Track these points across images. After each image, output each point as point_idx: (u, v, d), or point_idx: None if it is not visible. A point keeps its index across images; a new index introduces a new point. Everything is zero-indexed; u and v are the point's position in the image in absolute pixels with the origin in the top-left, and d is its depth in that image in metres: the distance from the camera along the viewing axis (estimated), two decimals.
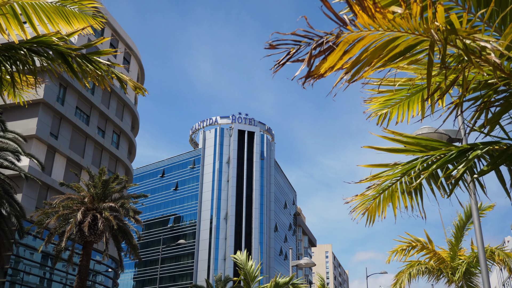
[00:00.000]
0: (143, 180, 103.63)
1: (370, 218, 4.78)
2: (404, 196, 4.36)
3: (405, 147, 3.98)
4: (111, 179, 28.57)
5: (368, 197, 4.54)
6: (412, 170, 4.11)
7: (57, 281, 42.07)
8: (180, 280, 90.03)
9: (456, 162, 3.81)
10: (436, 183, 4.21)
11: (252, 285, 14.47)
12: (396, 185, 4.33)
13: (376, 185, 4.36)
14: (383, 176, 4.24)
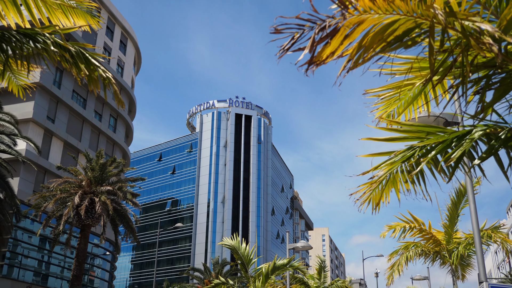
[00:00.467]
0: (141, 164, 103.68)
1: (374, 206, 4.84)
2: (406, 180, 4.39)
3: (403, 136, 4.00)
4: (109, 162, 28.57)
5: (372, 188, 4.58)
6: (412, 157, 4.13)
7: (55, 264, 42.32)
8: (177, 263, 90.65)
9: (455, 146, 3.83)
10: (437, 167, 4.24)
11: (248, 268, 14.58)
12: (397, 170, 4.36)
13: (378, 177, 4.39)
14: (383, 167, 4.27)
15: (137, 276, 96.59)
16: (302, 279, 25.46)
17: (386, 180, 4.45)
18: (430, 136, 3.87)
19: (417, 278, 29.24)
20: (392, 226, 12.24)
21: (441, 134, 3.85)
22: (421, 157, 3.96)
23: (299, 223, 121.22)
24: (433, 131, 3.87)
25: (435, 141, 3.82)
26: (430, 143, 3.87)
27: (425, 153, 3.94)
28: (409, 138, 3.95)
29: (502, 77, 3.49)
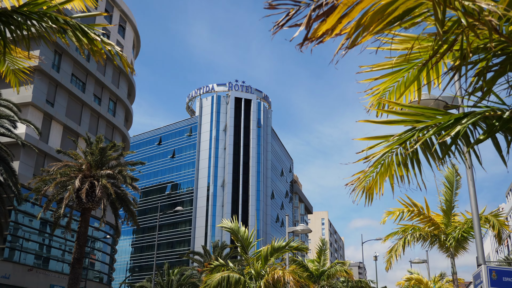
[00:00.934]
0: (140, 147, 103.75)
1: (368, 196, 4.79)
2: (400, 168, 4.34)
3: (402, 118, 3.96)
4: (108, 146, 28.56)
5: (366, 174, 4.53)
6: (408, 140, 4.10)
7: (56, 247, 42.58)
8: (177, 247, 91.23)
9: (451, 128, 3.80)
10: (432, 155, 4.21)
11: (248, 251, 14.65)
12: (392, 157, 4.31)
13: (373, 158, 4.34)
14: (379, 149, 4.22)
15: (137, 259, 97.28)
16: (302, 262, 25.65)
17: (381, 166, 4.40)
18: (428, 120, 3.84)
19: (416, 261, 29.44)
20: (391, 211, 12.28)
21: (440, 117, 3.82)
22: (417, 141, 3.93)
23: (298, 206, 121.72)
24: (432, 113, 3.84)
25: (433, 123, 3.79)
26: (428, 126, 3.85)
27: (422, 138, 3.91)
28: (407, 121, 3.92)
29: (502, 59, 3.46)
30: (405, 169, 4.35)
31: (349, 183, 4.57)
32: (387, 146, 4.09)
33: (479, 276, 6.71)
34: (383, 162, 4.32)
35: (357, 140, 4.06)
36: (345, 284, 30.91)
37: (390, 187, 4.58)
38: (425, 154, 4.18)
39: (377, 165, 4.36)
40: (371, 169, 4.39)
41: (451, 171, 13.94)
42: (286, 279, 13.49)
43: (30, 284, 37.13)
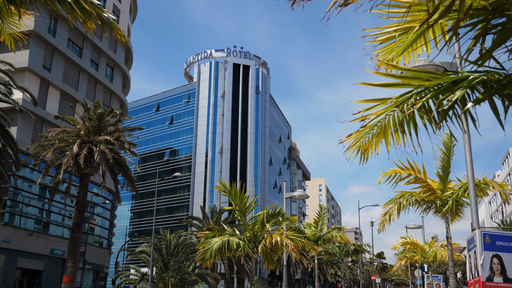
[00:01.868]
0: (138, 113, 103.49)
1: (363, 156, 4.74)
2: (397, 130, 4.31)
3: (400, 81, 3.91)
4: (106, 112, 28.47)
5: (362, 134, 4.49)
6: (405, 103, 4.07)
7: (56, 212, 42.97)
8: (176, 212, 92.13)
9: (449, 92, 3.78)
10: (429, 116, 4.19)
11: (246, 215, 14.80)
12: (389, 119, 4.27)
13: (369, 120, 4.30)
14: (376, 111, 4.19)
15: (136, 224, 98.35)
16: (299, 228, 26.00)
17: (377, 127, 4.37)
18: (426, 83, 3.82)
19: (411, 227, 29.80)
20: (388, 172, 12.33)
21: (438, 80, 3.79)
22: (414, 104, 3.91)
23: (296, 173, 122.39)
24: (430, 77, 3.81)
25: (431, 84, 3.76)
26: (425, 90, 3.83)
27: (419, 101, 3.89)
28: (406, 85, 3.89)
29: (502, 21, 3.41)
30: (401, 132, 4.32)
31: (344, 141, 4.54)
32: (384, 108, 4.07)
33: (473, 240, 6.82)
34: (379, 124, 4.29)
35: (354, 102, 4.04)
36: (341, 248, 31.38)
37: (386, 151, 4.55)
38: (422, 118, 4.17)
39: (373, 127, 4.33)
40: (367, 130, 4.36)
41: (448, 137, 13.97)
42: (285, 243, 13.69)
43: (30, 248, 37.64)
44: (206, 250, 13.83)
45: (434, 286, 27.10)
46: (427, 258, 27.51)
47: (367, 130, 4.38)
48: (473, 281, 6.70)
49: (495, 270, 6.46)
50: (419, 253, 28.22)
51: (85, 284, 47.18)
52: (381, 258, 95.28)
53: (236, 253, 14.25)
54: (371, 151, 4.62)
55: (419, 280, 44.65)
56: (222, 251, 13.79)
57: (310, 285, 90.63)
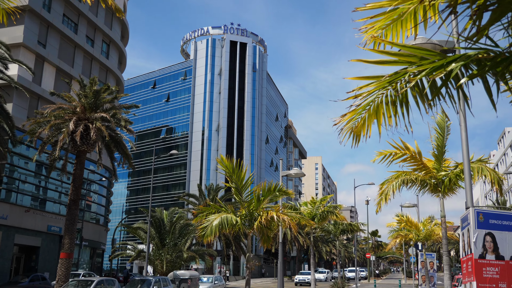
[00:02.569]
0: (135, 91, 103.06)
1: (355, 138, 4.75)
2: (388, 108, 4.30)
3: (395, 59, 3.89)
4: (102, 89, 28.29)
5: (354, 115, 4.48)
6: (399, 80, 4.06)
7: (52, 189, 43.07)
8: (173, 190, 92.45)
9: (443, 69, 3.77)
10: (422, 97, 4.18)
11: (243, 193, 14.87)
12: (382, 98, 4.25)
13: (363, 97, 4.29)
14: (369, 89, 4.18)
15: (133, 202, 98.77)
16: (294, 206, 26.17)
17: (370, 107, 4.36)
18: (421, 61, 3.80)
19: (406, 206, 30.03)
20: (383, 152, 12.37)
21: (434, 58, 3.77)
22: (408, 82, 3.89)
23: (292, 151, 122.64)
24: (425, 54, 3.79)
25: (425, 67, 3.75)
26: (420, 67, 3.81)
27: (413, 78, 3.87)
28: (401, 62, 3.87)
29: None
30: (393, 111, 4.30)
31: (338, 122, 4.54)
32: (378, 86, 4.05)
33: (466, 219, 6.89)
34: (372, 103, 4.28)
35: (348, 79, 4.03)
36: (336, 226, 31.64)
37: (382, 130, 4.55)
38: (415, 97, 4.16)
39: (366, 106, 4.32)
40: (360, 110, 4.35)
41: (442, 117, 14.01)
42: (281, 219, 13.79)
43: (27, 225, 37.82)
44: (206, 227, 13.94)
45: (428, 264, 27.43)
46: (421, 235, 27.79)
47: (359, 110, 4.37)
48: (466, 258, 6.79)
49: (488, 247, 6.54)
50: (414, 231, 28.51)
51: (82, 260, 47.58)
52: (376, 236, 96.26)
53: (234, 230, 14.37)
54: (363, 133, 4.63)
55: (413, 258, 45.18)
56: (222, 227, 13.90)
57: (305, 262, 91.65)
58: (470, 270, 6.50)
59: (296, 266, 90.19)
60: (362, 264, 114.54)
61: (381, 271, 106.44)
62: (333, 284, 35.09)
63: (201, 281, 35.50)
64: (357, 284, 48.51)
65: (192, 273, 32.26)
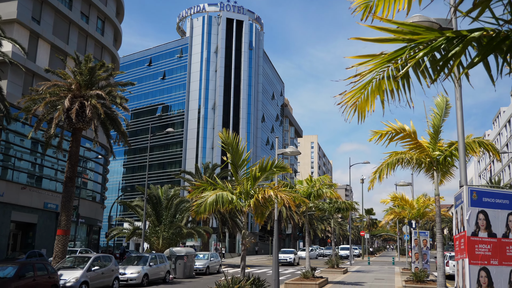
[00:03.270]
0: (130, 68, 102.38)
1: (360, 113, 4.76)
2: (390, 83, 4.31)
3: (394, 36, 3.88)
4: (98, 66, 28.11)
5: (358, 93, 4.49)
6: (399, 58, 4.05)
7: (48, 166, 43.09)
8: (169, 168, 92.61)
9: (443, 49, 3.77)
10: (423, 73, 4.18)
11: (239, 170, 14.93)
12: (383, 75, 4.26)
13: (363, 76, 4.30)
14: (369, 65, 4.18)
15: (129, 179, 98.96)
16: (290, 184, 26.29)
17: (372, 87, 4.37)
18: (421, 38, 3.79)
19: (401, 184, 30.23)
20: (379, 131, 12.41)
21: (432, 36, 3.76)
22: (409, 59, 3.89)
23: (288, 130, 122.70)
24: (424, 32, 3.78)
25: (425, 40, 3.73)
26: (419, 45, 3.80)
27: (413, 56, 3.87)
28: (400, 40, 3.86)
29: None
30: (395, 85, 4.32)
31: (341, 102, 4.56)
32: (377, 63, 4.05)
33: (460, 197, 6.97)
34: (374, 80, 4.29)
35: (348, 58, 4.03)
36: (331, 205, 31.86)
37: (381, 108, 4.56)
38: (416, 73, 4.17)
39: (368, 83, 4.33)
40: (362, 86, 4.37)
41: (442, 98, 14.05)
42: (278, 197, 13.88)
43: (24, 202, 37.92)
44: (200, 204, 14.01)
45: (421, 241, 27.76)
46: (415, 212, 28.05)
47: (361, 87, 4.38)
48: (459, 235, 6.89)
49: (480, 225, 6.63)
50: (408, 209, 28.77)
51: (79, 237, 47.88)
52: (370, 214, 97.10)
53: (229, 207, 14.45)
54: (367, 109, 4.64)
55: (407, 236, 45.68)
56: (216, 205, 13.97)
57: (300, 240, 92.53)
58: (463, 247, 6.59)
59: (291, 243, 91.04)
60: (357, 242, 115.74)
61: (375, 249, 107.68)
62: (328, 261, 35.51)
63: (197, 257, 35.86)
64: (351, 261, 49.12)
65: (188, 250, 32.55)
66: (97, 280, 21.58)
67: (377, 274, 34.44)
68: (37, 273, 18.00)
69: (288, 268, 43.33)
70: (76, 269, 21.11)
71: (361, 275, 32.53)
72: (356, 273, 35.03)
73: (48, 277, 18.50)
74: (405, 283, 23.29)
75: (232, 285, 12.94)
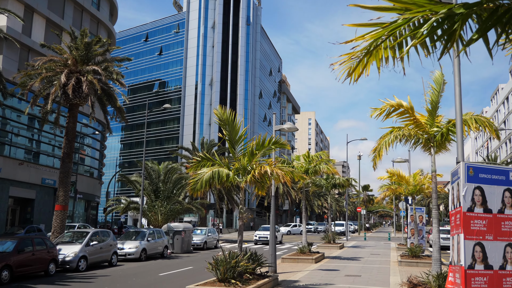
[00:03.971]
0: (127, 44, 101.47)
1: (353, 76, 4.70)
2: (387, 51, 4.27)
3: (392, 5, 3.83)
4: (94, 41, 27.84)
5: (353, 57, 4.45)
6: (398, 30, 4.01)
7: (46, 142, 43.02)
8: (166, 144, 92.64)
9: (444, 22, 3.73)
10: (423, 46, 4.15)
11: (236, 146, 14.93)
12: (381, 45, 4.22)
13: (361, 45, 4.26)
14: (367, 37, 4.14)
15: (126, 155, 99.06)
16: (287, 160, 26.36)
17: (368, 51, 4.32)
18: (420, 8, 3.73)
19: (398, 161, 30.29)
20: (377, 108, 12.41)
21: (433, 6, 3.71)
22: (410, 33, 3.85)
23: (286, 106, 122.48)
24: (425, 3, 3.72)
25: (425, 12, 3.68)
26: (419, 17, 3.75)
27: (413, 30, 3.83)
28: (399, 10, 3.81)
29: None
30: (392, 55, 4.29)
31: (335, 63, 4.52)
32: (376, 33, 4.01)
33: (457, 173, 7.00)
34: (370, 47, 4.25)
35: (346, 25, 3.99)
36: (328, 180, 31.99)
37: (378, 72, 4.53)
38: (416, 49, 4.14)
39: (364, 50, 4.29)
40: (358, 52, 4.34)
41: (440, 73, 14.00)
42: (275, 173, 13.91)
43: (22, 177, 37.97)
44: (197, 180, 14.04)
45: (417, 217, 27.98)
46: (411, 189, 28.22)
47: (358, 53, 4.34)
48: (455, 211, 6.94)
49: (476, 201, 6.67)
50: (404, 185, 28.91)
51: (77, 212, 48.11)
52: (367, 190, 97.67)
53: (226, 184, 14.49)
54: (362, 72, 4.59)
55: (403, 212, 46.04)
56: (212, 182, 14.01)
57: (297, 216, 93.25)
58: (458, 223, 6.65)
59: (288, 219, 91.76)
60: (353, 218, 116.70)
61: (371, 225, 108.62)
62: (324, 237, 35.85)
63: (195, 233, 36.14)
64: (347, 237, 49.59)
65: (186, 226, 32.79)
66: (96, 255, 21.77)
67: (373, 249, 34.82)
68: (36, 248, 18.14)
69: (285, 243, 43.75)
70: (75, 244, 21.27)
71: (357, 250, 32.88)
72: (352, 248, 35.42)
73: (47, 251, 18.65)
74: (400, 258, 23.58)
75: (230, 259, 13.06)
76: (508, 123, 79.43)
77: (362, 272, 19.73)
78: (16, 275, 16.80)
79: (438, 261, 13.33)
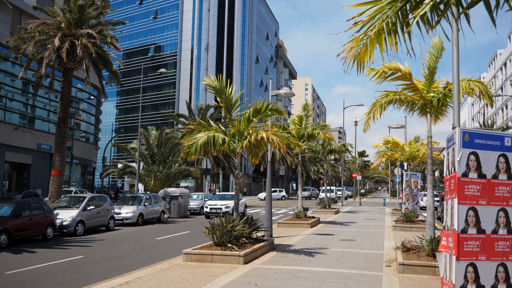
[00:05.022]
0: (121, 7, 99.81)
1: (360, 65, 4.72)
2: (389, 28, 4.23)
3: None
4: (87, 4, 27.33)
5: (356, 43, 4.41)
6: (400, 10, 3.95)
7: (41, 107, 42.77)
8: (162, 109, 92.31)
9: None
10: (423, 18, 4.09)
11: (232, 112, 14.86)
12: (383, 24, 4.18)
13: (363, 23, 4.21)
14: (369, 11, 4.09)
15: (122, 121, 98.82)
16: (283, 126, 26.30)
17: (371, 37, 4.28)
18: None
19: (394, 127, 30.30)
20: (375, 69, 12.28)
21: None
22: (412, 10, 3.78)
23: (283, 71, 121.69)
24: None
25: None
26: None
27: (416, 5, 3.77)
28: None
29: None
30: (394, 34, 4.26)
31: (341, 53, 4.50)
32: (378, 9, 3.96)
33: (452, 138, 6.99)
34: (373, 28, 4.21)
35: (347, 7, 3.93)
36: (324, 146, 32.05)
37: (381, 56, 4.55)
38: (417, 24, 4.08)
39: (367, 32, 4.25)
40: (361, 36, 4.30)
41: (439, 39, 13.83)
42: (270, 139, 13.89)
43: (17, 143, 37.91)
44: (192, 145, 14.01)
45: (412, 183, 28.18)
46: (407, 155, 28.32)
47: (361, 37, 4.31)
48: (449, 176, 6.96)
49: (471, 166, 6.68)
50: (400, 151, 29.00)
51: (74, 178, 48.29)
52: (363, 156, 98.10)
53: (221, 149, 14.48)
54: (366, 59, 4.61)
55: (398, 178, 46.36)
56: (207, 146, 13.98)
57: (293, 182, 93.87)
58: (453, 188, 6.67)
59: (284, 185, 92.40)
60: (349, 183, 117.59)
61: (366, 191, 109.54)
62: (319, 202, 36.16)
63: (191, 198, 36.38)
64: (342, 202, 50.09)
65: (183, 191, 32.98)
66: (93, 219, 21.93)
67: (368, 214, 35.22)
68: (33, 212, 18.24)
69: (281, 208, 44.17)
70: (72, 208, 21.40)
71: (352, 216, 33.24)
72: (347, 213, 35.80)
73: (44, 216, 18.76)
74: (395, 223, 23.86)
75: (226, 224, 13.18)
76: (505, 89, 79.28)
77: (357, 236, 19.99)
78: (14, 239, 16.95)
79: (432, 225, 13.47)
